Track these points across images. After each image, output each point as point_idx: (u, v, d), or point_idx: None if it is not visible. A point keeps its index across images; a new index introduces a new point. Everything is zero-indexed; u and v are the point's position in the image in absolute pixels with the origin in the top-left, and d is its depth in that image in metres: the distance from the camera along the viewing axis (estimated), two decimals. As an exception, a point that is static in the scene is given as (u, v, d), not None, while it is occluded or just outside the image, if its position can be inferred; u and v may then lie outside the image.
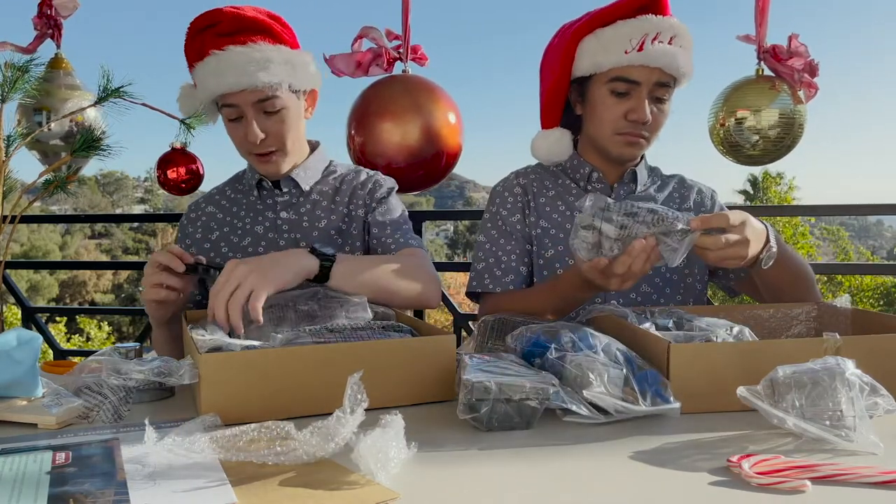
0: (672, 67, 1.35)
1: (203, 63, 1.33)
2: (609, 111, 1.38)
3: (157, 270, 1.16)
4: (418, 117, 1.93)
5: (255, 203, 1.48)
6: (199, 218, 1.50)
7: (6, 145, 1.64)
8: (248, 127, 1.34)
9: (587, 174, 1.47)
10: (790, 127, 1.93)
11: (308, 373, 0.90)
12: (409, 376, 0.95)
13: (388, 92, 1.96)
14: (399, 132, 1.92)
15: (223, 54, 1.30)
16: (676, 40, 1.34)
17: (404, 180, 2.00)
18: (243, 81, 1.30)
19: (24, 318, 2.63)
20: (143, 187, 46.85)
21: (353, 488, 0.66)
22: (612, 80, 1.36)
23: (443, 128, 1.96)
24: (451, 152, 2.01)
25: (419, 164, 1.96)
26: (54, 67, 2.16)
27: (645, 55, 1.33)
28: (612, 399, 0.84)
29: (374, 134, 1.94)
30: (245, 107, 1.33)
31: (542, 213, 1.47)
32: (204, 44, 1.33)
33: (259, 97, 1.32)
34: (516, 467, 0.73)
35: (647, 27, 1.34)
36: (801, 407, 0.78)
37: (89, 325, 16.61)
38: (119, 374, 0.90)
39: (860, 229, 66.70)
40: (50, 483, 0.68)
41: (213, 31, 1.32)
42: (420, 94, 1.96)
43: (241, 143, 1.39)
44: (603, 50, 1.36)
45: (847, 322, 1.17)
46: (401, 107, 1.93)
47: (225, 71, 1.30)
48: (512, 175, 1.55)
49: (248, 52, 1.31)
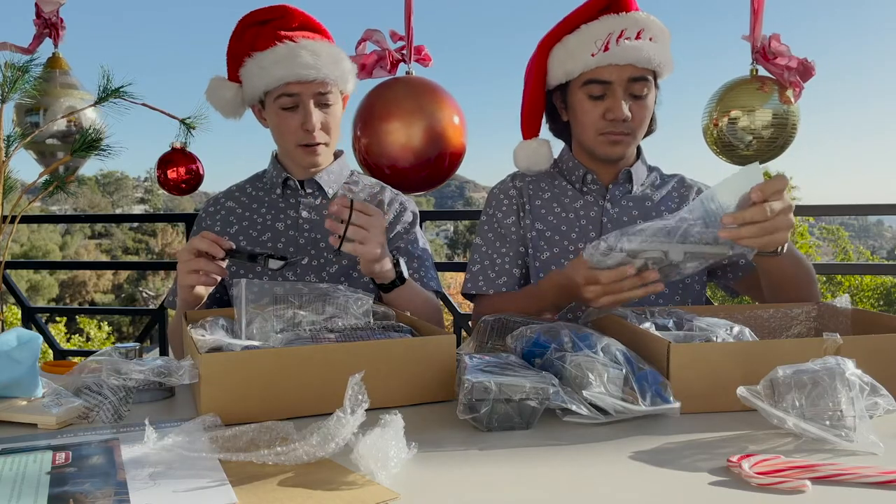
0: (643, 61, 1.35)
1: (269, 52, 1.37)
2: (587, 115, 1.40)
3: (193, 257, 1.19)
4: (423, 119, 1.95)
5: (278, 201, 1.50)
6: (218, 212, 1.52)
7: (6, 145, 1.64)
8: (307, 116, 1.39)
9: (581, 176, 1.48)
10: (783, 127, 1.94)
11: (308, 373, 0.90)
12: (409, 376, 0.95)
13: (393, 94, 1.98)
14: (404, 133, 1.94)
15: (294, 45, 1.37)
16: (645, 33, 1.35)
17: (409, 181, 2.00)
18: (314, 73, 1.36)
19: (24, 318, 2.63)
20: (143, 187, 46.83)
21: (353, 488, 0.66)
22: (585, 83, 1.38)
23: (447, 129, 1.97)
24: (455, 153, 2.02)
25: (423, 165, 1.98)
26: (51, 67, 2.16)
27: (611, 54, 1.34)
28: (611, 399, 0.84)
29: (378, 135, 1.96)
30: (305, 97, 1.38)
31: (537, 216, 1.47)
32: (263, 36, 1.38)
33: (321, 89, 1.38)
34: (516, 467, 0.73)
35: (611, 26, 1.35)
36: (801, 407, 0.78)
37: (89, 325, 16.59)
38: (119, 374, 0.90)
39: (860, 229, 66.69)
40: (50, 483, 0.68)
41: (274, 25, 1.39)
42: (424, 96, 1.97)
43: (292, 133, 1.41)
44: (571, 56, 1.38)
45: (847, 322, 1.17)
46: (405, 108, 1.95)
47: (295, 61, 1.35)
48: (508, 178, 1.56)
49: (318, 46, 1.39)
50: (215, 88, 1.47)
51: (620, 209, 1.46)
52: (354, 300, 1.14)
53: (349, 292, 1.15)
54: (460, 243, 36.33)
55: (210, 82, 1.48)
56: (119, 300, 27.07)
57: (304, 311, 1.10)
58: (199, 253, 1.19)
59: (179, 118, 1.98)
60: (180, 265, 1.20)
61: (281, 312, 1.09)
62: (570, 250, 1.43)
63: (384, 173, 2.00)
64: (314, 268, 1.41)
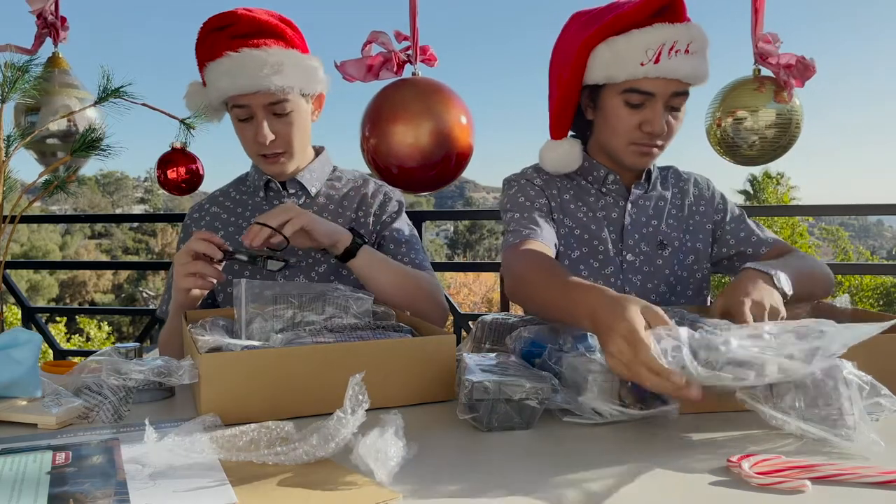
0: (689, 77, 1.29)
1: (216, 63, 1.34)
2: (622, 122, 1.33)
3: (191, 259, 1.18)
4: (430, 119, 1.96)
5: (262, 204, 1.49)
6: (203, 218, 1.51)
7: (6, 145, 1.64)
8: (258, 128, 1.35)
9: (602, 177, 1.43)
10: (787, 127, 1.94)
11: (308, 373, 0.90)
12: (409, 376, 0.95)
13: (400, 95, 1.99)
14: (411, 134, 1.95)
15: (237, 56, 1.32)
16: (693, 46, 1.28)
17: (416, 181, 2.02)
18: (256, 84, 1.31)
19: (24, 318, 2.63)
20: (143, 187, 46.84)
21: (353, 488, 0.66)
22: (626, 91, 1.30)
23: (454, 129, 1.98)
24: (462, 153, 2.03)
25: (431, 166, 1.99)
26: (51, 66, 2.16)
27: (662, 67, 1.26)
28: (607, 404, 0.84)
29: (386, 136, 1.97)
30: (256, 108, 1.35)
31: (567, 211, 1.42)
32: (217, 44, 1.34)
33: (270, 100, 1.34)
34: (516, 467, 0.73)
35: (664, 37, 1.26)
36: (800, 408, 0.78)
37: (89, 325, 16.59)
38: (119, 374, 0.90)
39: (860, 229, 66.69)
40: (50, 483, 0.68)
41: (227, 32, 1.34)
42: (431, 97, 1.99)
43: (249, 144, 1.40)
44: (617, 61, 1.29)
45: (847, 322, 1.17)
46: (413, 109, 1.96)
47: (239, 72, 1.31)
48: (529, 170, 1.48)
49: (262, 55, 1.32)
50: (192, 94, 1.45)
51: (639, 210, 1.43)
52: (355, 300, 1.14)
53: (349, 292, 1.15)
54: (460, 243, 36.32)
55: (188, 86, 1.46)
56: (119, 300, 27.07)
57: (305, 311, 1.10)
58: (197, 255, 1.19)
59: (179, 118, 1.98)
60: (177, 268, 1.19)
61: (281, 312, 1.09)
62: (599, 251, 1.38)
63: (392, 174, 2.01)
64: (303, 268, 1.41)
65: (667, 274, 1.41)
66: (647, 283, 1.40)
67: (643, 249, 1.41)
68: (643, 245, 1.41)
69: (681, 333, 0.78)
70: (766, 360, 0.76)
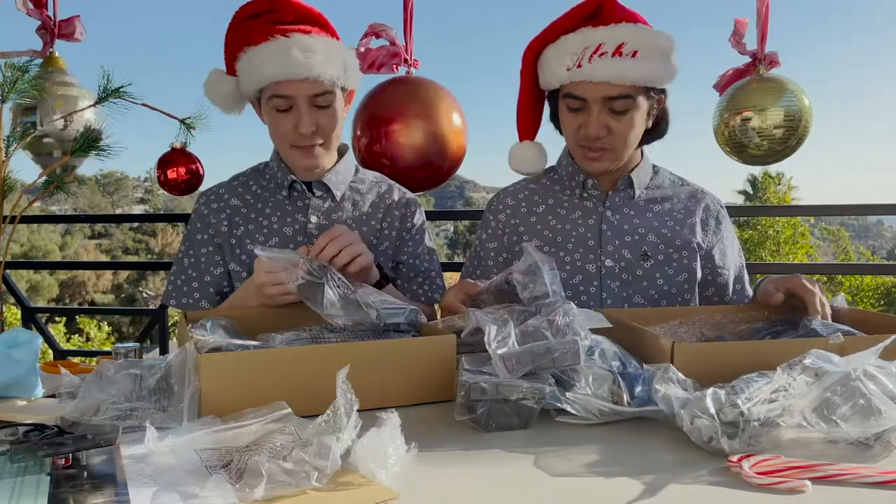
0: (620, 79, 1.28)
1: (260, 48, 1.29)
2: (566, 127, 1.39)
3: (275, 280, 1.14)
4: (423, 119, 1.95)
5: (284, 203, 1.45)
6: (224, 210, 1.45)
7: (6, 145, 1.64)
8: (300, 119, 1.32)
9: (581, 182, 1.45)
10: (795, 126, 1.93)
11: (308, 373, 0.90)
12: (409, 376, 0.95)
13: (394, 93, 1.98)
14: (404, 133, 1.94)
15: (287, 41, 1.28)
16: (627, 48, 1.27)
17: (409, 181, 2.01)
18: (306, 71, 1.28)
19: (24, 318, 2.63)
20: (143, 187, 46.83)
21: (353, 488, 0.66)
22: (565, 96, 1.36)
23: (447, 129, 1.97)
24: (455, 153, 2.02)
25: (424, 166, 1.98)
26: (49, 66, 2.16)
27: (584, 71, 1.29)
28: (596, 401, 0.83)
29: (379, 135, 1.95)
30: (299, 98, 1.31)
31: (533, 232, 1.46)
32: (259, 29, 1.30)
33: (316, 90, 1.31)
34: (515, 467, 0.73)
35: (586, 40, 1.29)
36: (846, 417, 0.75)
37: (89, 325, 16.61)
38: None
39: (860, 229, 66.68)
40: (50, 483, 0.67)
41: (269, 17, 1.31)
42: (425, 96, 1.97)
43: (286, 134, 1.36)
44: (551, 68, 1.35)
45: (847, 322, 1.17)
46: (406, 108, 1.95)
47: (287, 57, 1.27)
48: (502, 194, 1.56)
49: (311, 42, 1.29)
50: (214, 82, 1.40)
51: (621, 216, 1.42)
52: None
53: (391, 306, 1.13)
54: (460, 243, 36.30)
55: (209, 75, 1.41)
56: (119, 300, 27.09)
57: None
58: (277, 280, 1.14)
59: (179, 118, 1.98)
60: (263, 276, 1.16)
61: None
62: (566, 261, 1.40)
63: (384, 173, 2.01)
64: None
65: (645, 286, 1.39)
66: (623, 292, 1.39)
67: (624, 256, 1.39)
68: (625, 252, 1.40)
69: None
70: None
